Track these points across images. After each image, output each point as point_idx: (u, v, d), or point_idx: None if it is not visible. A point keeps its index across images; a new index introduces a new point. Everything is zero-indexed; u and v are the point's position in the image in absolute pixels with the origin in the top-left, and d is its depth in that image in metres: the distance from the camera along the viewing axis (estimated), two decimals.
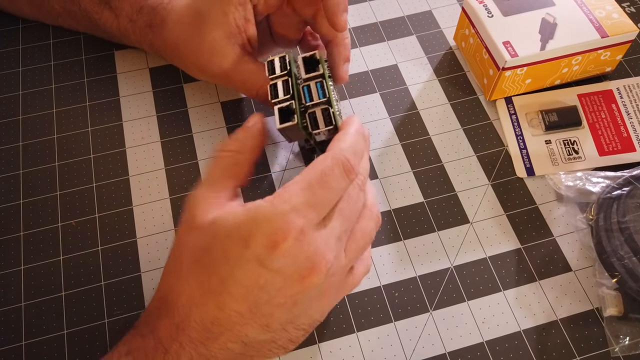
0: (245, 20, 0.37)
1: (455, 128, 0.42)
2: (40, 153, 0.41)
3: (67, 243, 0.38)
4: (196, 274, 0.28)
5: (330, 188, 0.28)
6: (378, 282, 0.36)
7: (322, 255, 0.27)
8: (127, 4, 0.41)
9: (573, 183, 0.38)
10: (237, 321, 0.27)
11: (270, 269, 0.27)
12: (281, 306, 0.28)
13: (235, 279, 0.27)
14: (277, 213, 0.27)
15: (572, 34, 0.40)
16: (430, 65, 0.46)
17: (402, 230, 0.38)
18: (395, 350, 0.34)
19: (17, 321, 0.35)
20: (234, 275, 0.27)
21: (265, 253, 0.26)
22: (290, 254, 0.27)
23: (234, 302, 0.27)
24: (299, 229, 0.27)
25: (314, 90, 0.32)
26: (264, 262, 0.27)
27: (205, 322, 0.27)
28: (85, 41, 0.47)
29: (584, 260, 0.37)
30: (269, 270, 0.27)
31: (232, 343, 0.28)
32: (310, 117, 0.32)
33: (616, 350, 0.34)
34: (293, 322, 0.29)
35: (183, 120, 0.43)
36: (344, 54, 0.38)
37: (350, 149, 0.29)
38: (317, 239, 0.27)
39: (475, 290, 0.36)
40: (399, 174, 0.40)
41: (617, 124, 0.41)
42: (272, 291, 0.27)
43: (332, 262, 0.28)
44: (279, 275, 0.27)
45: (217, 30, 0.36)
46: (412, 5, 0.49)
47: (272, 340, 0.29)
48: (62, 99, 0.44)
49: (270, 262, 0.26)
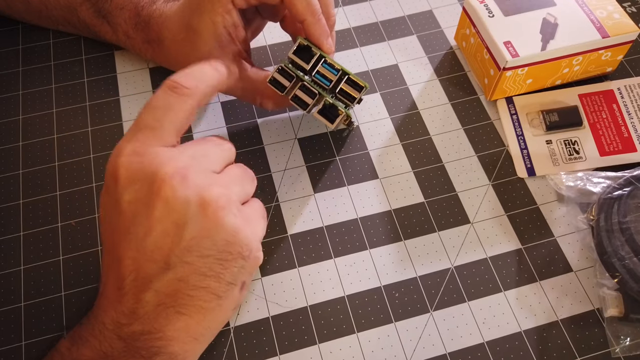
0: (234, 26, 0.37)
1: (456, 128, 0.42)
2: (40, 153, 0.41)
3: (67, 243, 0.38)
4: (107, 225, 0.29)
5: (159, 107, 0.29)
6: (378, 282, 0.36)
7: (165, 166, 0.27)
8: (122, 20, 0.41)
9: (574, 183, 0.38)
10: (133, 268, 0.27)
11: (123, 201, 0.27)
12: (165, 234, 0.27)
13: (109, 228, 0.28)
14: (115, 148, 0.28)
15: (573, 34, 0.40)
16: (431, 65, 0.46)
17: (402, 231, 0.38)
18: (396, 351, 0.34)
19: (17, 321, 0.35)
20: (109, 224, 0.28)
21: (112, 187, 0.27)
22: (130, 177, 0.27)
23: (122, 249, 0.27)
24: (130, 151, 0.28)
25: (326, 73, 0.35)
26: (114, 196, 0.27)
27: (110, 282, 0.28)
28: (85, 41, 0.47)
29: (584, 261, 0.37)
30: (124, 203, 0.27)
31: (143, 293, 0.28)
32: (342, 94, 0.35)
33: (617, 350, 0.34)
34: (191, 249, 0.28)
35: None
36: (320, 32, 0.37)
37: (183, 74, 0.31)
38: (156, 153, 0.28)
39: (476, 291, 0.36)
40: (400, 174, 0.40)
41: (618, 124, 0.41)
42: (143, 221, 0.27)
43: (188, 173, 0.28)
44: (134, 204, 0.27)
45: (211, 43, 0.37)
46: (412, 4, 0.49)
47: (180, 279, 0.28)
48: (62, 99, 0.44)
49: (119, 195, 0.27)
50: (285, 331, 0.35)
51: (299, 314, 0.35)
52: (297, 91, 0.35)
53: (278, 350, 0.34)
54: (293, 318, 0.35)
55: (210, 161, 0.30)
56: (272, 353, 0.34)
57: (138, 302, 0.28)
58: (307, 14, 0.35)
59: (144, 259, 0.27)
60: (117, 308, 0.28)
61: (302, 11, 0.35)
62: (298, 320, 0.35)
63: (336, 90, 0.34)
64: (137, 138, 0.29)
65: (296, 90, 0.35)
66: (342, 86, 0.34)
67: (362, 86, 0.34)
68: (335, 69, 0.35)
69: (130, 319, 0.28)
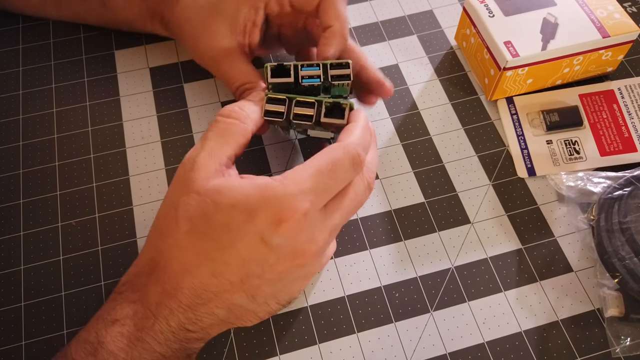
0: (253, 24, 0.37)
1: (456, 128, 0.42)
2: (40, 153, 0.41)
3: (67, 243, 0.38)
4: (193, 240, 0.28)
5: (338, 178, 0.29)
6: (378, 282, 0.36)
7: (316, 241, 0.29)
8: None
9: (574, 183, 0.38)
10: (228, 289, 0.28)
11: (269, 245, 0.27)
12: (269, 281, 0.29)
13: (234, 249, 0.28)
14: (286, 193, 0.27)
15: (574, 34, 0.40)
16: (431, 65, 0.46)
17: (402, 231, 0.38)
18: (396, 351, 0.34)
19: (17, 321, 0.35)
20: (233, 245, 0.28)
21: (268, 229, 0.27)
22: (291, 234, 0.27)
23: (228, 271, 0.28)
24: (303, 212, 0.27)
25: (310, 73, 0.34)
26: (265, 237, 0.27)
27: (197, 288, 0.28)
28: (85, 41, 0.47)
29: (585, 261, 0.37)
30: (267, 246, 0.27)
31: (218, 309, 0.29)
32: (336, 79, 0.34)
33: (617, 351, 0.34)
34: (275, 296, 0.30)
35: (183, 120, 0.43)
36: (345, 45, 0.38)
37: (361, 143, 0.30)
38: (316, 224, 0.28)
39: (476, 291, 0.36)
40: (400, 174, 0.40)
41: (619, 124, 0.41)
42: (266, 266, 0.28)
43: (323, 248, 0.29)
44: (275, 252, 0.28)
45: (223, 23, 0.37)
46: (413, 4, 0.49)
47: (253, 310, 0.30)
48: (62, 99, 0.44)
49: (271, 238, 0.27)
50: (285, 331, 0.35)
51: (299, 314, 0.35)
52: (295, 109, 0.34)
53: (278, 350, 0.34)
54: (293, 318, 0.35)
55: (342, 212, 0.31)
56: (272, 353, 0.34)
57: (211, 315, 0.29)
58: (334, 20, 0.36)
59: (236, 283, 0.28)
60: (187, 314, 0.28)
61: (332, 17, 0.36)
62: (298, 320, 0.35)
63: (329, 80, 0.34)
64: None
65: (294, 109, 0.34)
66: (331, 73, 0.34)
67: (347, 62, 0.34)
68: (314, 66, 0.34)
69: (195, 327, 0.29)
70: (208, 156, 0.29)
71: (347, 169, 0.29)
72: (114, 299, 0.30)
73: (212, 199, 0.28)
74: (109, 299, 0.30)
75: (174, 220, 0.29)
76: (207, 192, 0.28)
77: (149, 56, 0.46)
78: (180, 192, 0.29)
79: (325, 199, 0.29)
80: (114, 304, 0.29)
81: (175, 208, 0.29)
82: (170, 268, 0.29)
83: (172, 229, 0.29)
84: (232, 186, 0.28)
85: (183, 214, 0.28)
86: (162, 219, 0.30)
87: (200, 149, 0.30)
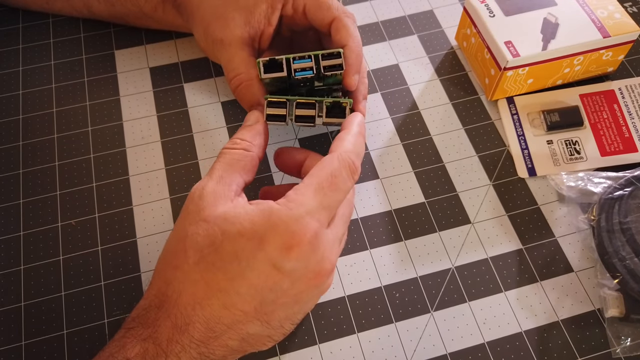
0: (268, 22, 0.38)
1: (457, 128, 0.42)
2: (40, 153, 0.41)
3: (67, 243, 0.38)
4: (202, 272, 0.28)
5: (339, 190, 0.29)
6: (379, 282, 0.36)
7: (329, 260, 0.28)
8: None
9: (575, 183, 0.38)
10: (241, 319, 0.28)
11: (282, 271, 0.27)
12: (284, 305, 0.28)
13: (245, 279, 0.27)
14: (293, 217, 0.27)
15: (574, 34, 0.40)
16: (432, 65, 0.46)
17: (403, 231, 0.38)
18: (396, 351, 0.34)
19: (17, 321, 0.35)
20: (244, 275, 0.27)
21: (279, 256, 0.27)
22: (304, 257, 0.27)
23: (241, 302, 0.27)
24: (313, 233, 0.27)
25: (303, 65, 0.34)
26: (277, 264, 0.27)
27: (209, 322, 0.27)
28: (85, 41, 0.47)
29: (585, 261, 0.37)
30: (280, 273, 0.27)
31: (232, 340, 0.28)
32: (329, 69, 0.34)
33: (617, 351, 0.34)
34: (290, 318, 0.30)
35: (183, 120, 0.43)
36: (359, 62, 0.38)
37: (354, 150, 0.30)
38: (326, 242, 0.28)
39: (477, 291, 0.36)
40: (400, 174, 0.40)
41: (619, 124, 0.41)
42: (279, 292, 0.27)
43: (336, 262, 0.29)
44: (288, 278, 0.27)
45: (241, 13, 0.37)
46: (413, 4, 0.49)
47: (268, 335, 0.29)
48: (62, 99, 0.44)
49: (283, 264, 0.27)
50: None
51: None
52: (296, 110, 0.34)
53: (278, 350, 0.34)
54: None
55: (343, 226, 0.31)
56: (272, 353, 0.34)
57: (224, 347, 0.28)
58: (349, 39, 0.36)
59: (250, 312, 0.28)
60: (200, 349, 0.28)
61: (345, 36, 0.36)
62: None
63: (321, 71, 0.34)
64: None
65: (295, 111, 0.34)
66: (323, 64, 0.34)
67: (338, 52, 0.34)
68: (306, 58, 0.34)
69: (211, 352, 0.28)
70: (216, 184, 0.29)
71: (346, 179, 0.29)
72: (124, 336, 0.28)
73: (220, 227, 0.28)
74: (119, 335, 0.29)
75: (182, 251, 0.28)
76: (215, 219, 0.28)
77: (149, 56, 0.46)
78: (189, 221, 0.29)
79: (331, 214, 0.29)
80: (124, 341, 0.28)
81: (184, 239, 0.28)
82: (180, 301, 0.28)
83: (181, 260, 0.28)
84: (239, 213, 0.28)
85: (191, 244, 0.28)
86: (170, 250, 0.29)
87: (208, 179, 0.30)
